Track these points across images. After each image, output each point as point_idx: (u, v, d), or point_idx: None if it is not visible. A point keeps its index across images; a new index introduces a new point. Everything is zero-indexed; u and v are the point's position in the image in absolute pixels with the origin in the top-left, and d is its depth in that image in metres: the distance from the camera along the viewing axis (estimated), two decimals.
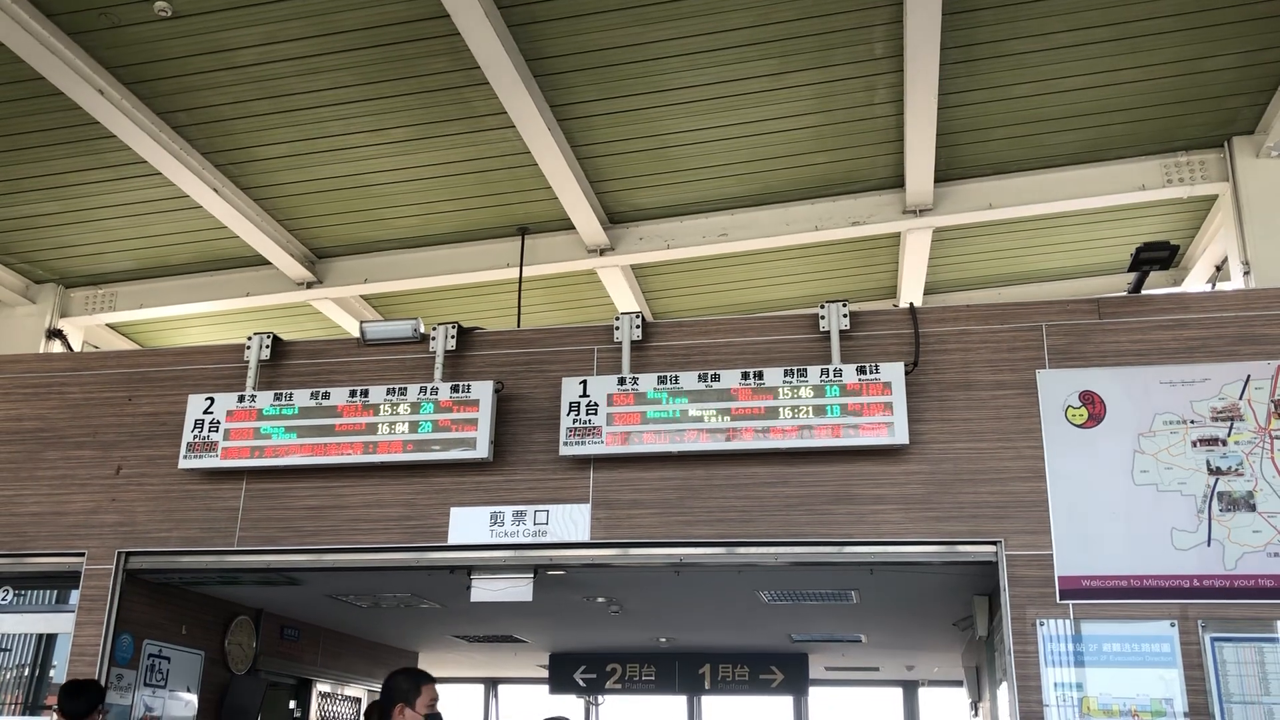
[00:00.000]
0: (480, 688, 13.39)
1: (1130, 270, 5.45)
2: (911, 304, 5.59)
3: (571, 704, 11.43)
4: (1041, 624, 4.80)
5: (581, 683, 10.68)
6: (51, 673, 6.02)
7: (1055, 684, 4.72)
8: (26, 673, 6.09)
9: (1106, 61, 6.42)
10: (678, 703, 11.80)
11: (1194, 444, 4.92)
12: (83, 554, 5.76)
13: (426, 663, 10.86)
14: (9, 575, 6.03)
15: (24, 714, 5.95)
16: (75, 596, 5.75)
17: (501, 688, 13.43)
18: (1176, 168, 7.41)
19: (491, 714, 13.43)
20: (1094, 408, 5.06)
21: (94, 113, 6.48)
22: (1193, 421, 4.96)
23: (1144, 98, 6.82)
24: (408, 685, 4.23)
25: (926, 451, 5.12)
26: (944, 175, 7.50)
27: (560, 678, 10.72)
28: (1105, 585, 4.80)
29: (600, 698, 11.84)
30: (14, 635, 6.12)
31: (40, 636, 6.10)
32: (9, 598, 6.10)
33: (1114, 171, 7.48)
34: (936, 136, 6.80)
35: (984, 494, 5.02)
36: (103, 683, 5.53)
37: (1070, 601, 4.81)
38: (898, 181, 7.59)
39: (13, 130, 6.89)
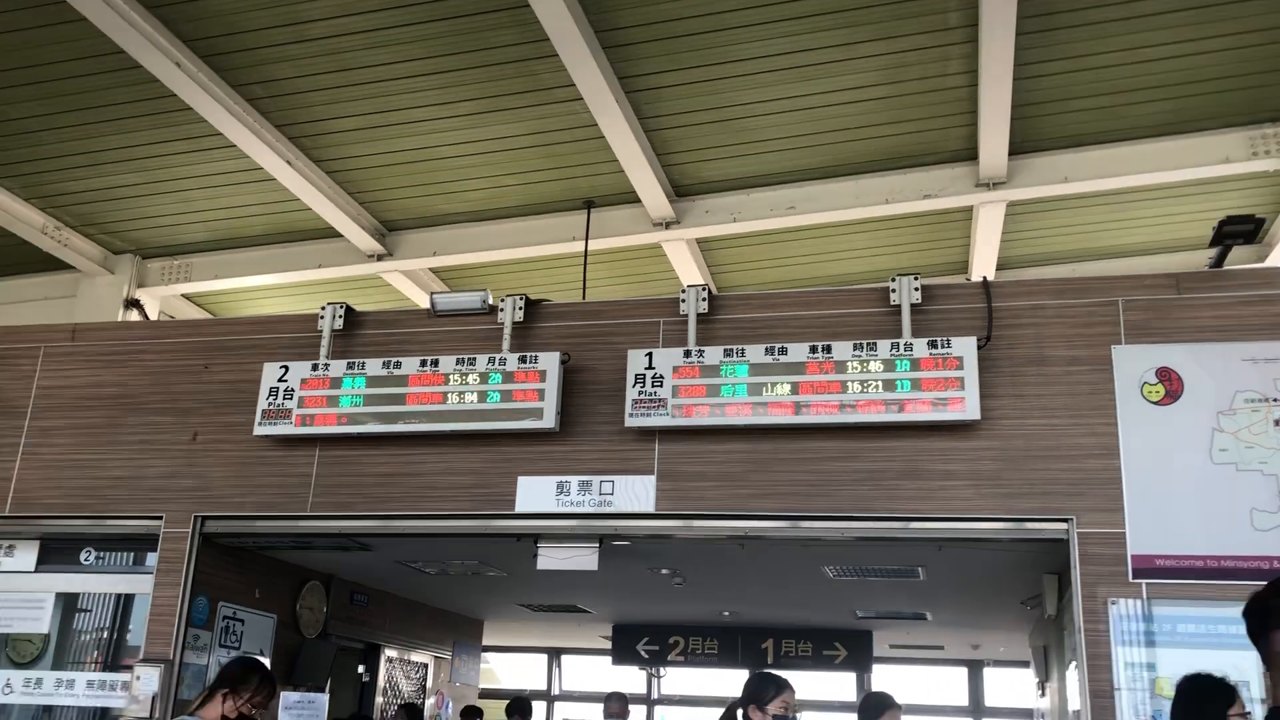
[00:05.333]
0: (544, 657, 13.56)
1: (1213, 244, 5.30)
2: (985, 278, 5.49)
3: (633, 675, 11.52)
4: (1113, 603, 4.71)
5: (644, 654, 10.76)
6: (128, 634, 6.20)
7: (1126, 664, 4.64)
8: (105, 634, 6.28)
9: (1190, 30, 6.24)
10: (738, 676, 11.84)
11: (1276, 423, 4.79)
12: (161, 517, 5.90)
13: (492, 631, 11.03)
14: (91, 536, 6.21)
15: (104, 673, 6.14)
16: (152, 559, 5.90)
17: (564, 658, 13.58)
18: (1263, 139, 7.18)
19: (554, 682, 13.59)
20: (1171, 385, 4.94)
21: (172, 86, 6.60)
22: (1275, 400, 4.82)
23: (1229, 67, 6.61)
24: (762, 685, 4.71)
25: (998, 427, 5.04)
26: (1019, 147, 7.35)
27: (623, 649, 10.81)
28: (1180, 565, 4.70)
29: (662, 670, 11.91)
30: (94, 596, 6.32)
31: (117, 599, 6.28)
32: (91, 559, 6.29)
33: (1196, 144, 7.27)
34: (1011, 108, 6.67)
35: (1056, 471, 4.94)
36: (180, 644, 5.68)
37: (1143, 581, 4.72)
38: (970, 154, 7.46)
39: (93, 104, 7.05)
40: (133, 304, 9.21)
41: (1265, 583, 4.51)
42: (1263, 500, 4.69)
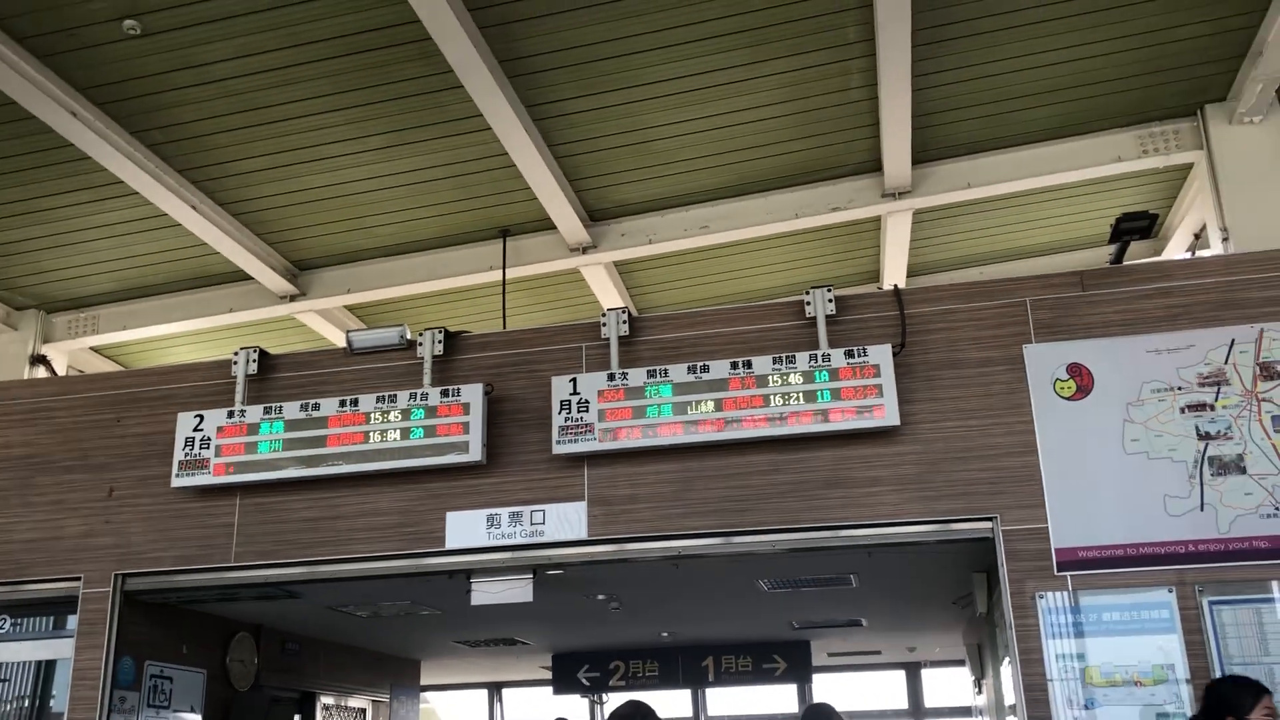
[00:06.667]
0: (484, 692, 13.39)
1: (1111, 241, 5.48)
2: (896, 286, 5.61)
3: (575, 704, 11.44)
4: (1040, 597, 4.82)
5: (585, 682, 10.68)
6: (51, 702, 5.99)
7: (1057, 656, 4.75)
8: (26, 704, 6.06)
9: (1077, 35, 6.45)
10: (682, 696, 11.82)
11: (1182, 410, 4.96)
12: (79, 578, 5.73)
13: (429, 670, 10.85)
14: (5, 603, 6.00)
15: None
16: (73, 621, 5.72)
17: (505, 691, 13.43)
18: (1151, 138, 7.44)
19: (497, 717, 13.43)
20: (1082, 379, 5.09)
21: (68, 135, 6.44)
22: (1180, 388, 4.99)
23: (1116, 69, 6.84)
24: (1237, 694, 4.10)
25: (918, 431, 5.14)
26: (921, 157, 7.52)
27: (564, 678, 10.72)
28: (1102, 555, 4.83)
29: (604, 696, 11.84)
30: (13, 665, 6.09)
31: (38, 666, 6.07)
32: (6, 626, 6.07)
33: (1090, 145, 7.50)
34: (912, 118, 6.82)
35: (977, 471, 5.05)
36: (106, 708, 5.51)
37: (1068, 573, 4.84)
38: (875, 165, 7.61)
39: None
40: (39, 360, 8.92)
41: (1185, 567, 4.68)
42: (1173, 486, 4.85)
